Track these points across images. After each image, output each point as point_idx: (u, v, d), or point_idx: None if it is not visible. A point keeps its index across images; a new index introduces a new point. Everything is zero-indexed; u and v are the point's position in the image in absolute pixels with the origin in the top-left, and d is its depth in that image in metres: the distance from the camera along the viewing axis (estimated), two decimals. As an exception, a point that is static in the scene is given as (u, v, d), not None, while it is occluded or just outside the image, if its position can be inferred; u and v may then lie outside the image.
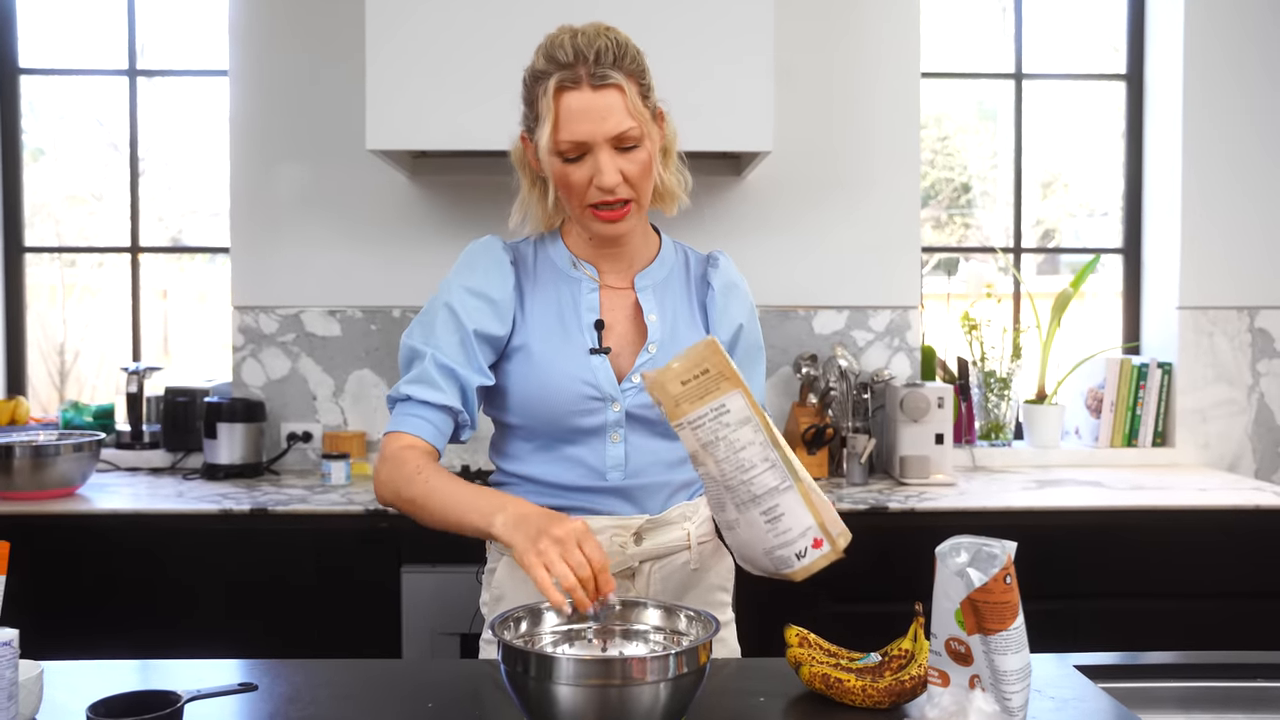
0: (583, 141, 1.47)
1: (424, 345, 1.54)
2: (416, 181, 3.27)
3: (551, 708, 1.17)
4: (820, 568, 1.40)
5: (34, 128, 3.61)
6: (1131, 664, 1.57)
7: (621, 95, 1.46)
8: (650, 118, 1.52)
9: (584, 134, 1.46)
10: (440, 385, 1.52)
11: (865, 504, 2.73)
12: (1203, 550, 2.76)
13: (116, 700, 1.16)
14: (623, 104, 1.47)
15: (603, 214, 1.51)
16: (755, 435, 1.35)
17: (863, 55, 3.33)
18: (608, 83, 1.46)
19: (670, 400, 1.36)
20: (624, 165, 1.49)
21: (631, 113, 1.47)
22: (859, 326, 3.36)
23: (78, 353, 3.69)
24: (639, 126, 1.48)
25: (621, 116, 1.47)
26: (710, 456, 1.36)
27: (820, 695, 1.37)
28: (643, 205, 1.54)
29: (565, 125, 1.47)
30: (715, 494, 1.39)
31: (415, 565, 2.66)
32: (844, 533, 1.39)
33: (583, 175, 1.49)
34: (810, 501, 1.36)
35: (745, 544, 1.40)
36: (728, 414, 1.35)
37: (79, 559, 2.67)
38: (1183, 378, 3.44)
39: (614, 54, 1.47)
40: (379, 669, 1.51)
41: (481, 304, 1.55)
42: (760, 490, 1.35)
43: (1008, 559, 1.17)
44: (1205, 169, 3.41)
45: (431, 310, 1.57)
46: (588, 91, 1.46)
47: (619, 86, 1.46)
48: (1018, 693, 1.16)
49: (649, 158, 1.51)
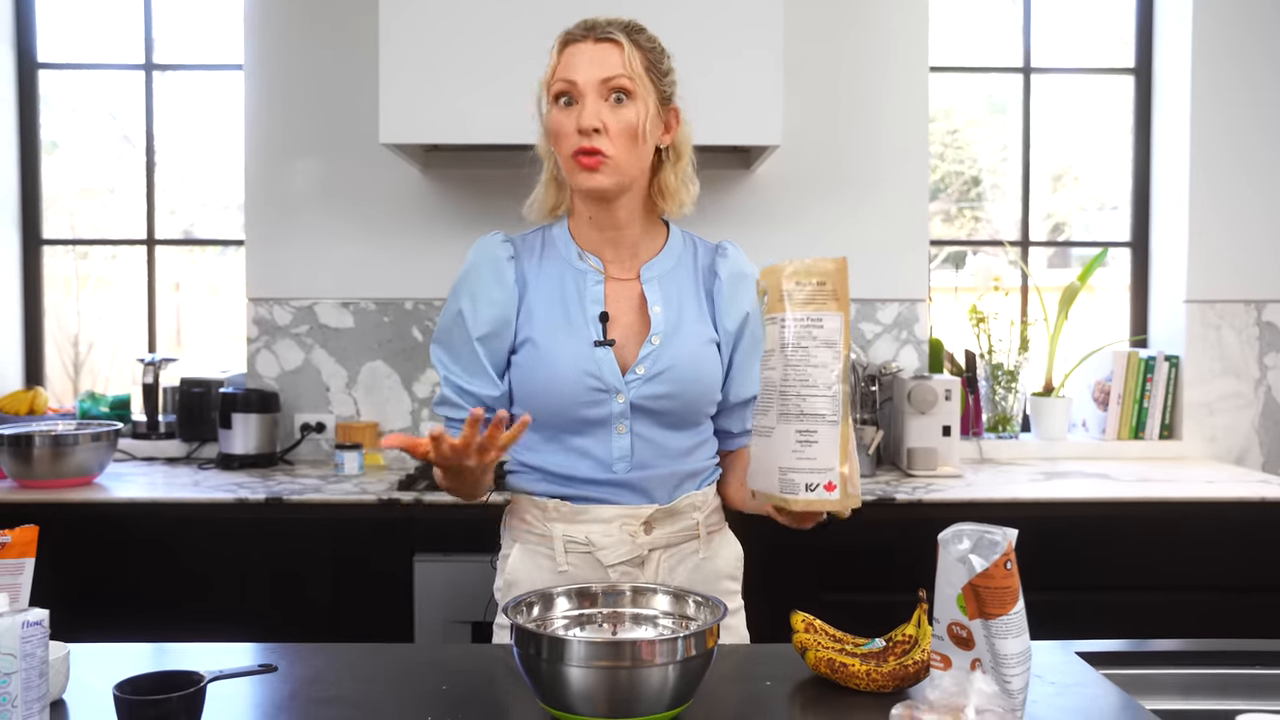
0: (573, 81, 1.54)
1: (443, 367, 1.66)
2: (429, 175, 3.30)
3: (563, 689, 1.20)
4: (818, 510, 1.39)
5: (47, 121, 3.65)
6: (1133, 651, 1.59)
7: (619, 50, 1.54)
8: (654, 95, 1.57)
9: (576, 76, 1.54)
10: (461, 404, 1.64)
11: (873, 495, 2.76)
12: (1209, 543, 2.77)
13: (142, 679, 1.19)
14: (619, 58, 1.54)
15: (582, 160, 1.55)
16: (833, 361, 1.36)
17: (871, 49, 3.35)
18: (609, 38, 1.55)
19: (777, 291, 1.38)
20: (608, 117, 1.54)
21: (625, 67, 1.54)
22: (867, 319, 3.38)
23: (91, 344, 3.73)
24: (631, 82, 1.54)
25: (614, 65, 1.54)
26: (783, 359, 1.37)
27: (826, 679, 1.40)
28: (622, 168, 1.56)
29: (562, 69, 1.56)
30: (766, 397, 1.40)
31: (428, 554, 2.70)
32: (858, 496, 1.38)
33: (570, 121, 1.55)
34: (845, 450, 1.36)
35: (765, 456, 1.40)
36: (821, 329, 1.36)
37: (96, 547, 2.71)
38: (1190, 371, 3.45)
39: (626, 25, 1.57)
40: (395, 653, 1.54)
41: (484, 309, 1.62)
42: (810, 410, 1.35)
43: (1009, 545, 1.19)
44: (1213, 163, 3.42)
45: (447, 319, 1.66)
46: (588, 44, 1.55)
47: (619, 43, 1.55)
48: (1017, 675, 1.19)
49: (636, 118, 1.55)
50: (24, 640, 1.07)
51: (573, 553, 1.61)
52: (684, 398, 1.60)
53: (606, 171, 1.55)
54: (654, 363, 1.59)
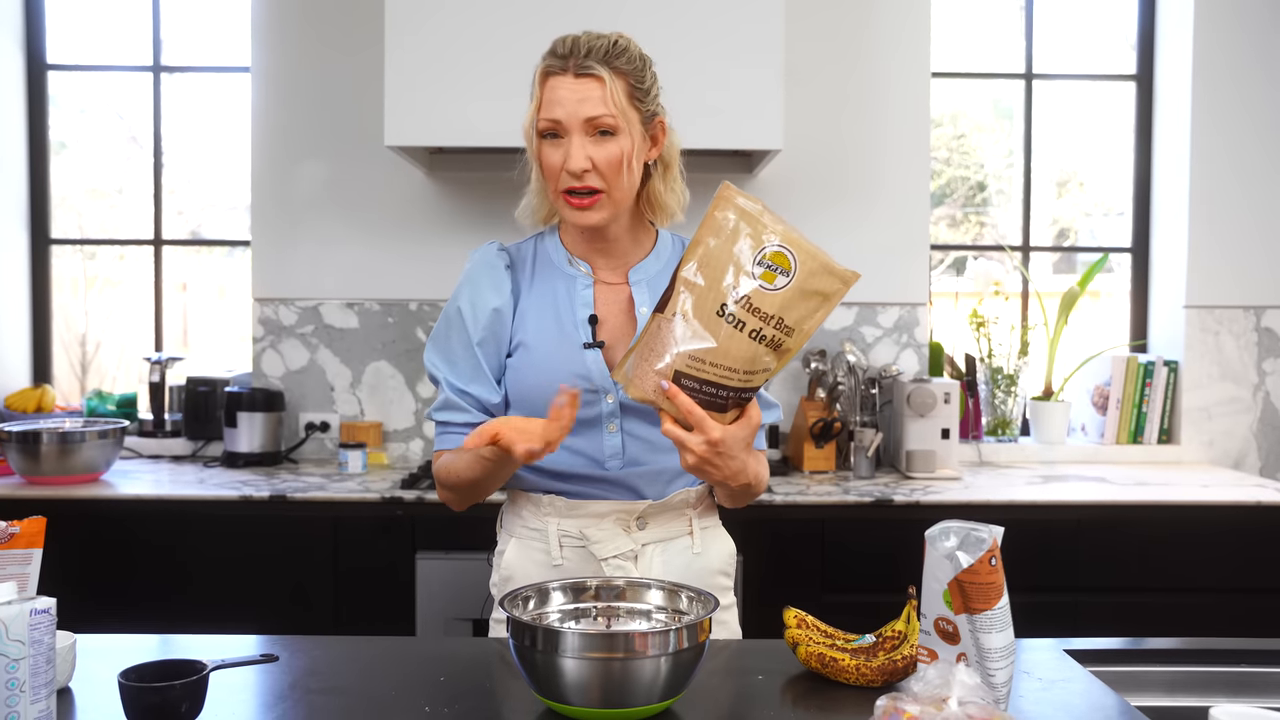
0: (558, 120, 1.56)
1: (440, 371, 1.67)
2: (433, 177, 3.33)
3: (557, 679, 1.22)
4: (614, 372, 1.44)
5: (56, 121, 3.68)
6: (1120, 649, 1.62)
7: (601, 86, 1.55)
8: (639, 120, 1.59)
9: (560, 115, 1.55)
10: (462, 406, 1.65)
11: (871, 496, 2.78)
12: (1205, 546, 2.79)
13: (145, 668, 1.22)
14: (601, 94, 1.55)
15: (572, 200, 1.58)
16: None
17: (874, 53, 3.37)
18: (589, 73, 1.55)
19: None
20: (595, 153, 1.56)
21: (609, 104, 1.55)
22: (868, 322, 3.41)
23: (99, 343, 3.77)
24: (616, 118, 1.56)
25: (596, 104, 1.55)
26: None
27: (816, 674, 1.43)
28: (614, 199, 1.59)
29: (546, 106, 1.57)
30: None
31: (429, 551, 2.72)
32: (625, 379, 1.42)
33: (556, 158, 1.57)
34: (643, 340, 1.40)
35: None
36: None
37: (102, 543, 2.74)
38: (1189, 376, 3.47)
39: (606, 51, 1.56)
40: (393, 645, 1.57)
41: (482, 315, 1.65)
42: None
43: (994, 542, 1.22)
44: (1213, 169, 3.44)
45: (443, 326, 1.68)
46: (570, 79, 1.56)
47: (599, 78, 1.55)
48: (1001, 669, 1.22)
49: (622, 152, 1.57)
50: (32, 628, 1.10)
51: (567, 547, 1.63)
52: None
53: (598, 208, 1.58)
54: (641, 363, 1.63)
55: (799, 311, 1.39)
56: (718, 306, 1.38)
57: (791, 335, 1.40)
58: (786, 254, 1.38)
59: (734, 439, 1.41)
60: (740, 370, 1.39)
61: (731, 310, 1.37)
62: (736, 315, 1.37)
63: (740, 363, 1.39)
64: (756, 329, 1.38)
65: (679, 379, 1.38)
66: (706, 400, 1.40)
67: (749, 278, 1.38)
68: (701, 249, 1.39)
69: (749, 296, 1.37)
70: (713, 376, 1.39)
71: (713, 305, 1.38)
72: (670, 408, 1.39)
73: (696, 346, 1.37)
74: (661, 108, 1.64)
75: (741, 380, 1.40)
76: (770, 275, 1.38)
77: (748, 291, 1.37)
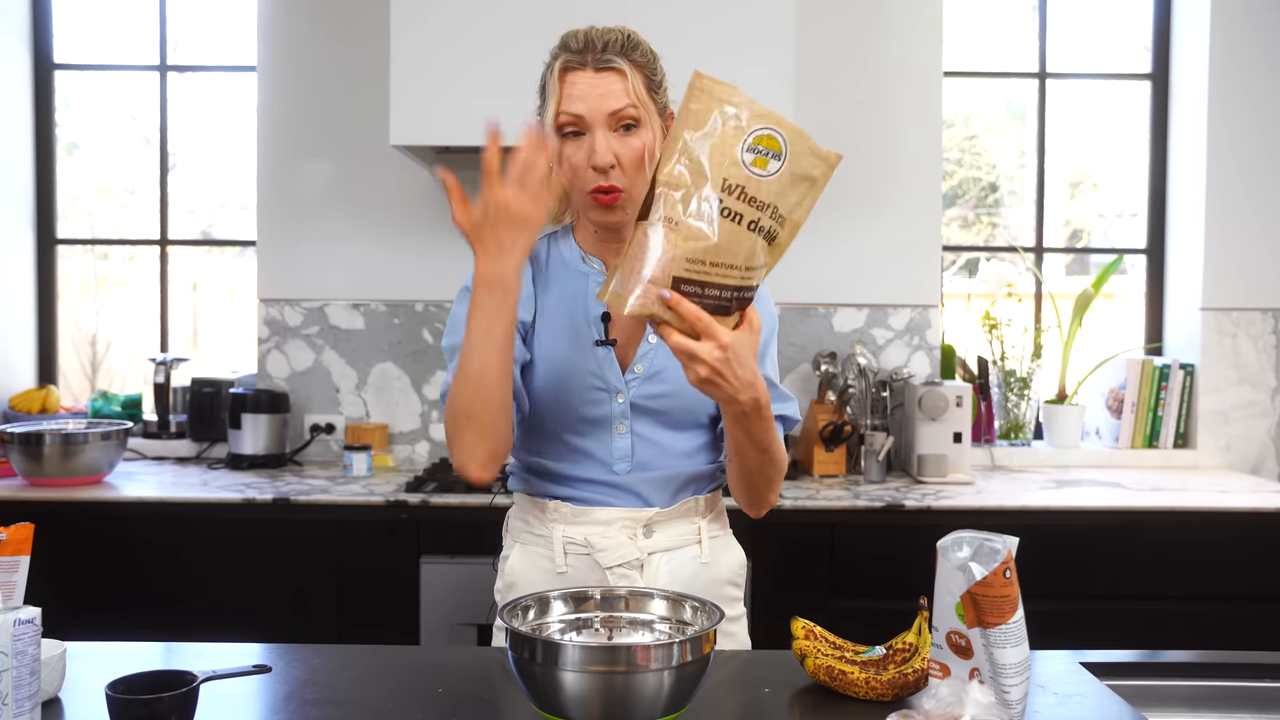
0: (580, 116, 1.52)
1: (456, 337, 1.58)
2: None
3: (557, 693, 1.19)
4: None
5: (69, 122, 3.67)
6: (1139, 662, 1.58)
7: (623, 79, 1.52)
8: (656, 111, 1.56)
9: (583, 110, 1.52)
10: None
11: (882, 501, 2.74)
12: (1223, 553, 2.75)
13: (135, 679, 1.19)
14: (623, 87, 1.52)
15: (599, 198, 1.54)
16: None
17: (885, 53, 3.34)
18: (611, 66, 1.52)
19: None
20: (619, 148, 1.52)
21: (631, 96, 1.52)
22: (879, 325, 3.37)
23: (109, 344, 3.75)
24: (638, 110, 1.53)
25: (620, 96, 1.51)
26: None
27: (825, 687, 1.39)
28: (634, 195, 1.55)
29: (566, 101, 1.53)
30: None
31: (434, 556, 2.69)
32: (616, 294, 1.29)
33: (580, 156, 1.53)
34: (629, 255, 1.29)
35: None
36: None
37: (105, 545, 2.72)
38: (1205, 379, 3.42)
39: (622, 44, 1.54)
40: (392, 654, 1.54)
41: None
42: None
43: (1008, 553, 1.18)
44: (1229, 170, 3.39)
45: (459, 308, 1.63)
46: (590, 73, 1.52)
47: (621, 71, 1.52)
48: (1016, 685, 1.18)
49: (644, 145, 1.54)
50: (15, 638, 1.07)
51: (572, 554, 1.60)
52: (681, 397, 1.60)
53: (623, 203, 1.55)
54: (651, 362, 1.60)
55: (790, 199, 1.31)
56: (709, 202, 1.28)
57: (784, 226, 1.32)
58: (776, 136, 1.29)
59: (743, 344, 1.32)
60: (741, 266, 1.30)
61: (726, 204, 1.28)
62: (732, 208, 1.28)
63: (741, 258, 1.29)
64: (755, 220, 1.29)
65: (678, 285, 1.28)
66: (710, 305, 1.30)
67: (739, 166, 1.28)
68: (681, 145, 1.29)
69: (743, 186, 1.28)
70: (714, 277, 1.29)
71: (703, 201, 1.28)
72: (673, 317, 1.28)
73: (693, 247, 1.27)
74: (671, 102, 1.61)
75: (742, 278, 1.31)
76: (762, 160, 1.29)
77: (740, 180, 1.28)
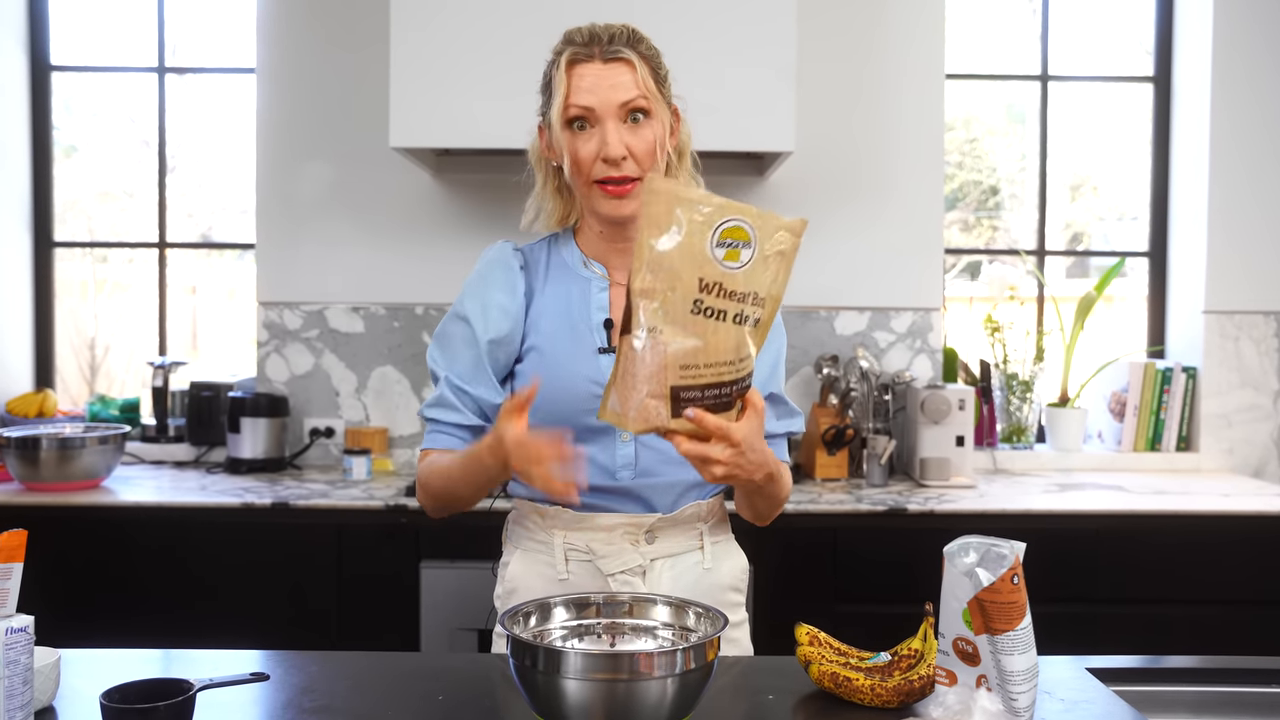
0: (590, 108, 1.51)
1: (440, 368, 1.62)
2: (440, 179, 3.29)
3: (559, 702, 1.17)
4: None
5: (68, 124, 3.66)
6: (1145, 668, 1.56)
7: (631, 70, 1.51)
8: (664, 104, 1.56)
9: (593, 102, 1.51)
10: (458, 406, 1.59)
11: (884, 505, 2.73)
12: (1225, 556, 2.73)
13: (130, 688, 1.17)
14: (632, 78, 1.51)
15: (610, 189, 1.53)
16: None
17: (887, 55, 3.32)
18: (618, 57, 1.51)
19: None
20: (630, 140, 1.51)
21: (640, 87, 1.51)
22: (881, 328, 3.35)
23: (107, 347, 3.74)
24: (648, 100, 1.52)
25: (629, 87, 1.51)
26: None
27: (829, 694, 1.37)
28: None
29: (575, 93, 1.52)
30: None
31: (434, 561, 2.68)
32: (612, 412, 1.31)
33: (591, 148, 1.52)
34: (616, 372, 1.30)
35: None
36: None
37: (103, 550, 2.70)
38: (1207, 382, 3.40)
39: (629, 37, 1.53)
40: (392, 661, 1.52)
41: (494, 314, 1.59)
42: None
43: (1016, 559, 1.16)
44: (1232, 172, 3.37)
45: (449, 325, 1.63)
46: (598, 64, 1.51)
47: (629, 62, 1.51)
48: (1024, 693, 1.16)
49: (654, 137, 1.53)
50: (8, 647, 1.06)
51: (573, 560, 1.58)
52: None
53: (634, 195, 1.53)
54: (656, 370, 1.57)
55: (765, 278, 1.29)
56: (690, 304, 1.26)
57: (765, 305, 1.31)
58: (743, 225, 1.27)
59: (751, 431, 1.33)
60: (734, 360, 1.30)
61: (707, 303, 1.26)
62: (713, 306, 1.27)
63: (731, 353, 1.29)
64: (738, 312, 1.28)
65: (677, 395, 1.28)
66: (713, 404, 1.30)
67: (712, 263, 1.26)
68: (648, 252, 1.27)
69: (719, 282, 1.26)
70: (710, 378, 1.29)
71: (683, 305, 1.26)
72: (680, 425, 1.29)
73: (683, 354, 1.27)
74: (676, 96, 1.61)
75: (737, 370, 1.30)
76: (734, 253, 1.27)
77: (716, 277, 1.26)
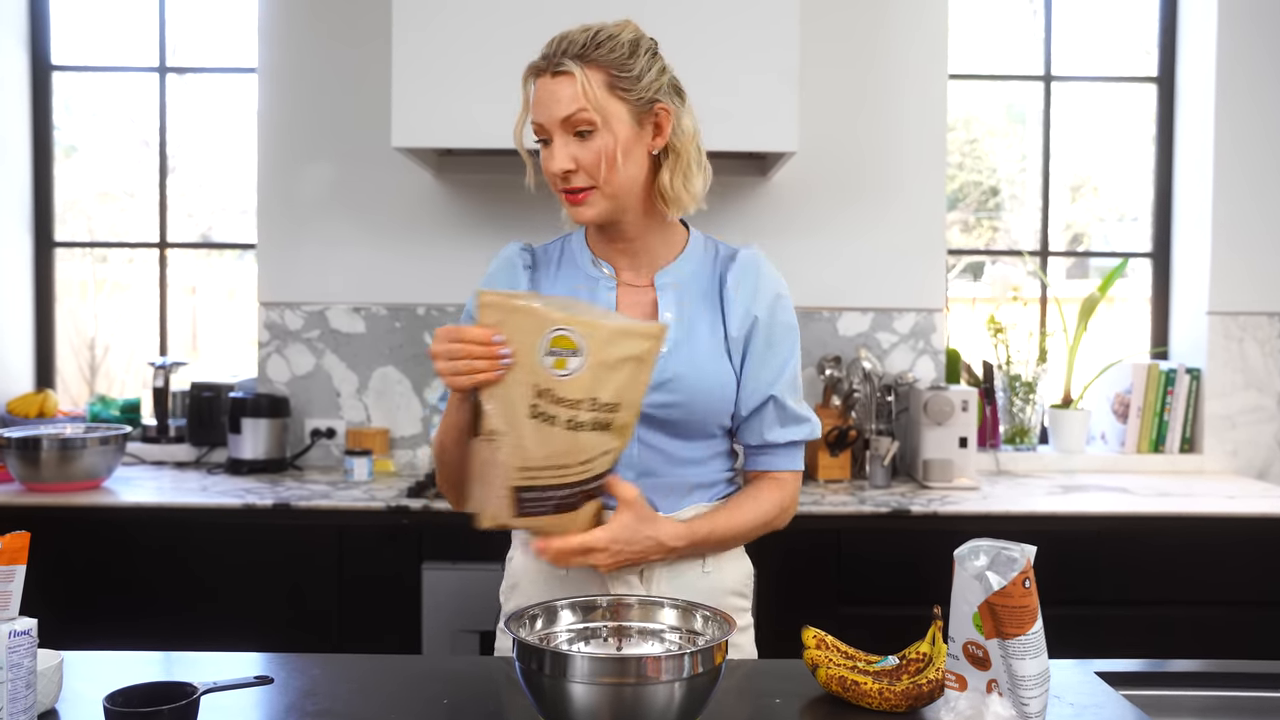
0: (539, 123, 1.53)
1: None
2: (442, 180, 3.28)
3: (566, 706, 1.16)
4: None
5: (68, 124, 3.64)
6: (1153, 671, 1.55)
7: (572, 82, 1.50)
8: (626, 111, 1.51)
9: (542, 118, 1.52)
10: None
11: (887, 507, 2.72)
12: (1230, 558, 2.72)
13: (133, 691, 1.17)
14: (573, 91, 1.50)
15: (569, 198, 1.55)
16: None
17: (890, 56, 3.31)
18: (561, 70, 1.51)
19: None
20: (577, 152, 1.51)
21: (583, 99, 1.49)
22: (883, 329, 3.34)
23: (108, 347, 3.72)
24: (590, 114, 1.50)
25: (569, 102, 1.50)
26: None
27: (837, 698, 1.37)
28: (608, 193, 1.53)
29: (533, 109, 1.55)
30: None
31: (436, 562, 2.67)
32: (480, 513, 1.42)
33: (548, 162, 1.54)
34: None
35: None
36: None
37: (104, 551, 2.69)
38: (1211, 384, 3.40)
39: (583, 45, 1.51)
40: (396, 664, 1.51)
41: None
42: None
43: (1027, 563, 1.16)
44: (1236, 173, 3.37)
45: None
46: (547, 79, 1.52)
47: (570, 74, 1.50)
48: (1035, 698, 1.15)
49: (603, 149, 1.51)
50: (11, 650, 1.05)
51: (573, 558, 1.58)
52: (691, 408, 1.57)
53: (591, 203, 1.53)
54: (661, 372, 1.55)
55: (611, 385, 1.36)
56: (526, 408, 1.34)
57: (618, 410, 1.37)
58: (569, 335, 1.34)
59: (621, 528, 1.41)
60: (573, 464, 1.36)
61: (541, 408, 1.34)
62: (546, 411, 1.34)
63: (566, 456, 1.36)
64: (571, 417, 1.35)
65: (520, 496, 1.36)
66: (559, 504, 1.38)
67: (543, 370, 1.34)
68: None
69: (550, 388, 1.34)
70: (550, 480, 1.36)
71: (521, 409, 1.34)
72: (533, 524, 1.41)
73: (520, 456, 1.35)
74: (666, 94, 1.56)
75: (580, 472, 1.37)
76: (561, 361, 1.34)
77: (547, 384, 1.34)
